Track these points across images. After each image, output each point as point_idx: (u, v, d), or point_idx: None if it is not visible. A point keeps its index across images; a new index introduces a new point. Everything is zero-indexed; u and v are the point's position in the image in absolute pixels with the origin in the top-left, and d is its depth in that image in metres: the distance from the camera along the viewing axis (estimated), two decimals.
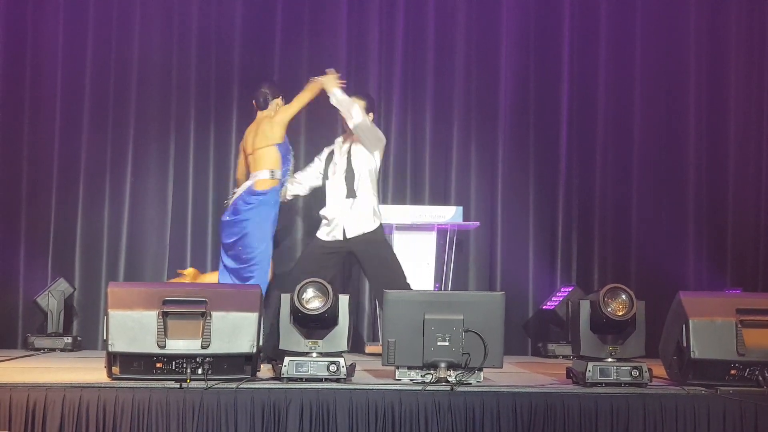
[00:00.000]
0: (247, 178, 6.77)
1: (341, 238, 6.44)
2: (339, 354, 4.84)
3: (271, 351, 5.50)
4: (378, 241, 6.50)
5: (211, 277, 7.06)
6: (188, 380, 4.60)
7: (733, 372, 4.92)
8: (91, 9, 8.09)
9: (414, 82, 8.32)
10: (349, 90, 6.62)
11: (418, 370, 4.84)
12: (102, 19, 8.10)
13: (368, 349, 7.48)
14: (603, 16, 8.46)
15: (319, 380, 4.74)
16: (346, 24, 8.26)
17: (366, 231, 6.45)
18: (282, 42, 8.22)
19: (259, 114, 6.89)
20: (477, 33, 8.39)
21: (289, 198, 6.95)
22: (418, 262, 7.29)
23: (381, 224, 6.57)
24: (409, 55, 8.35)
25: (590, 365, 4.86)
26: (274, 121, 6.73)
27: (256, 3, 8.23)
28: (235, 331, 4.70)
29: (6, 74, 7.99)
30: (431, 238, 7.39)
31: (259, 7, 8.24)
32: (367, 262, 6.47)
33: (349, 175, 6.49)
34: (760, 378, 4.87)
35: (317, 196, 6.96)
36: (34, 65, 8.03)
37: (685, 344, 4.90)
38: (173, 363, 4.68)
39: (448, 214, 7.47)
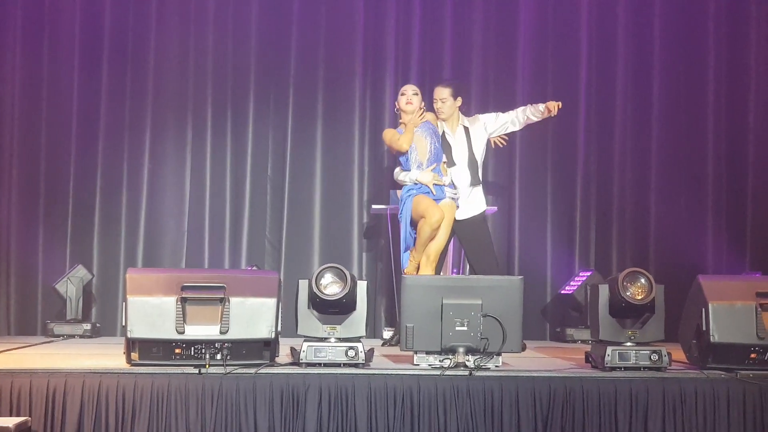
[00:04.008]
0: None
1: None
2: (357, 339, 4.84)
3: None
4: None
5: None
6: (207, 366, 4.62)
7: (753, 356, 4.90)
8: None
9: (431, 67, 8.28)
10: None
11: (436, 355, 4.84)
12: (119, 7, 8.11)
13: (386, 334, 7.48)
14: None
15: (338, 365, 4.74)
16: (363, 10, 8.23)
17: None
18: (298, 28, 8.20)
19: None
20: (495, 16, 8.34)
21: None
22: None
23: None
24: (427, 40, 8.31)
25: (609, 349, 4.85)
26: None
27: None
28: (254, 317, 4.70)
29: (24, 62, 8.01)
30: None
31: None
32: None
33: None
34: None
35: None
36: (51, 53, 8.04)
37: (704, 328, 4.88)
38: (192, 349, 4.69)
39: None
